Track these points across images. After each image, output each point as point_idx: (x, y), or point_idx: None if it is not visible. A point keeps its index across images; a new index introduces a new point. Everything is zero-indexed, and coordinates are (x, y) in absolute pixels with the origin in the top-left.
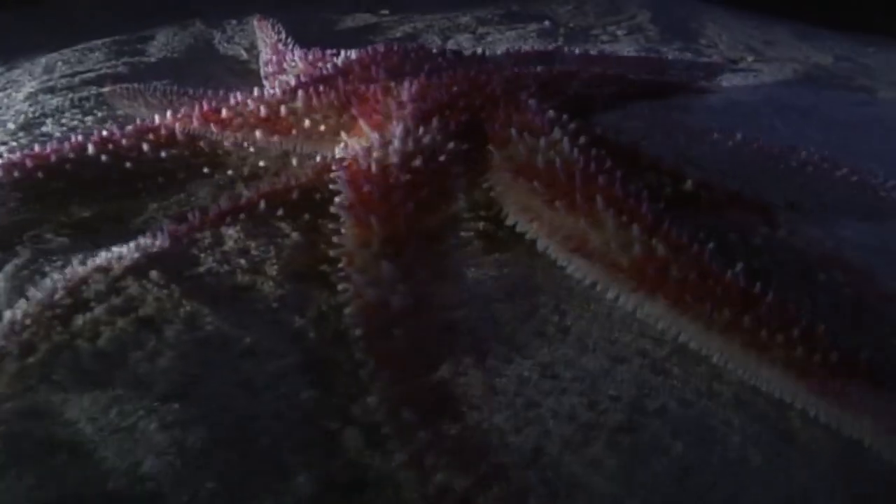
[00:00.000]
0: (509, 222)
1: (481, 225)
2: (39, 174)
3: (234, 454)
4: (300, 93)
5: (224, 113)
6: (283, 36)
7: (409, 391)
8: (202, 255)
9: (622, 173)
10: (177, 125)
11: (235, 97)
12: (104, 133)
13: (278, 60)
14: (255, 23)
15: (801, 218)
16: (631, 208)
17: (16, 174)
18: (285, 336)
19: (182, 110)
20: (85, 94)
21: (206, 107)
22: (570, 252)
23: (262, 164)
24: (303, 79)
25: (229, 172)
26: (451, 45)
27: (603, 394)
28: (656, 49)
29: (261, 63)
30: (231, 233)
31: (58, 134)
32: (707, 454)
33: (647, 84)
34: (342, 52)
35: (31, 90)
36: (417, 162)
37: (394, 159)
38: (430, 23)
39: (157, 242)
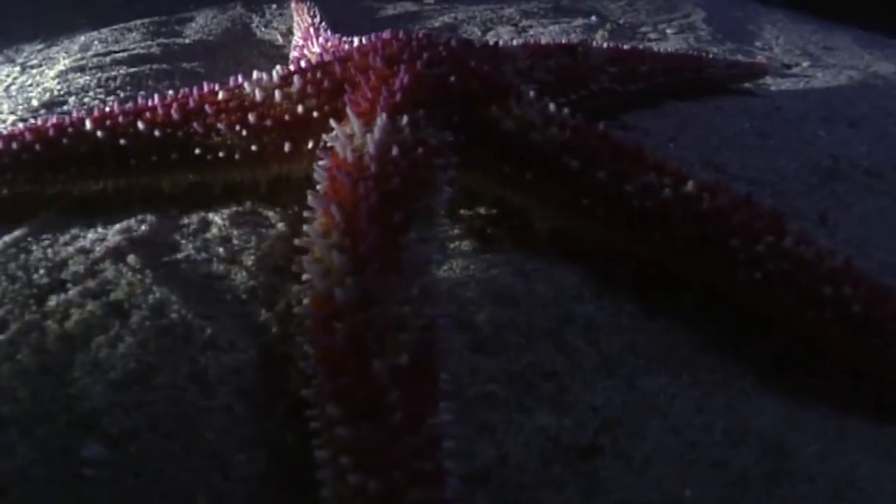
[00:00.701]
0: None
1: (478, 223)
2: (37, 146)
3: (178, 447)
4: (296, 78)
5: (221, 95)
6: (318, 21)
7: (339, 387)
8: (184, 241)
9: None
10: (174, 105)
11: (235, 80)
12: (104, 110)
13: (304, 45)
14: (293, 5)
15: (825, 232)
16: None
17: (14, 146)
18: (248, 329)
19: (181, 91)
20: (113, 73)
21: (205, 88)
22: None
23: (254, 148)
24: (303, 65)
25: (221, 155)
26: (490, 36)
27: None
28: (705, 49)
29: (291, 47)
30: (217, 220)
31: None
32: None
33: (682, 82)
34: (355, 40)
35: (63, 68)
36: (393, 152)
37: (370, 149)
38: (472, 14)
39: (142, 227)
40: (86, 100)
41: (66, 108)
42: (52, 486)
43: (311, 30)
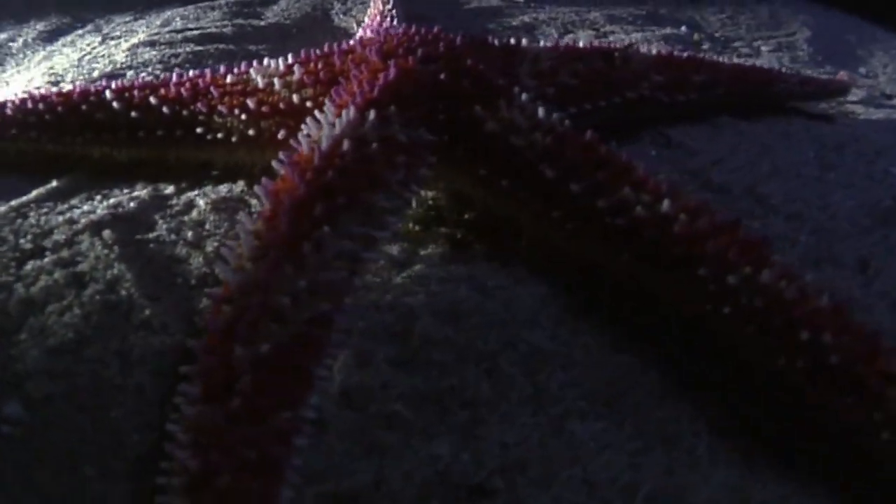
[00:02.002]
0: None
1: (459, 229)
2: (60, 109)
3: (86, 418)
4: (297, 67)
5: (228, 78)
6: (389, 9)
7: (202, 368)
8: (162, 221)
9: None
10: (185, 84)
11: (247, 65)
12: (124, 82)
13: (363, 33)
14: None
15: (862, 280)
16: None
17: (40, 106)
18: (185, 314)
19: (199, 72)
20: (179, 51)
21: (221, 71)
22: None
23: (251, 132)
24: (310, 54)
25: (220, 136)
26: (567, 39)
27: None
28: (798, 70)
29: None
30: (201, 203)
31: None
32: None
33: (747, 97)
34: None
35: (137, 41)
36: (344, 146)
37: (322, 142)
38: (555, 15)
39: (131, 204)
40: (143, 74)
41: (123, 81)
42: None
43: (378, 18)
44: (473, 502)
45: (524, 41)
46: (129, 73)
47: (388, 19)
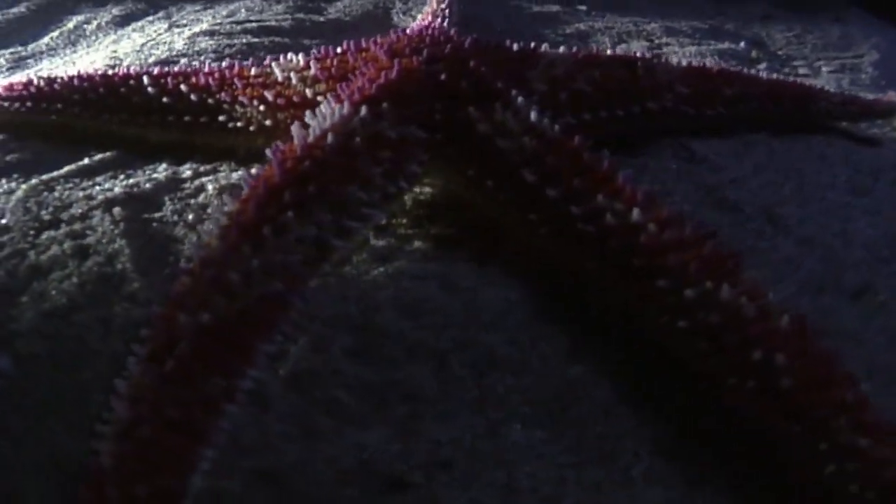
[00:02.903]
0: None
1: (450, 228)
2: (101, 90)
3: (63, 378)
4: (313, 63)
5: (252, 71)
6: (443, 8)
7: (152, 332)
8: (170, 202)
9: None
10: (214, 74)
11: (272, 59)
12: (163, 69)
13: (420, 27)
14: None
15: (859, 311)
16: None
17: (85, 85)
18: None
19: (228, 63)
20: (235, 41)
21: (249, 63)
22: None
23: (268, 122)
24: (323, 51)
25: (240, 125)
26: (620, 49)
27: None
28: (858, 93)
29: None
30: (210, 187)
31: None
32: None
33: (784, 113)
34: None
35: (198, 30)
36: (328, 139)
37: (310, 135)
38: (611, 24)
39: (147, 185)
40: (194, 63)
41: (174, 68)
42: None
43: (430, 16)
44: (387, 493)
45: (564, 48)
46: (183, 61)
47: (440, 19)
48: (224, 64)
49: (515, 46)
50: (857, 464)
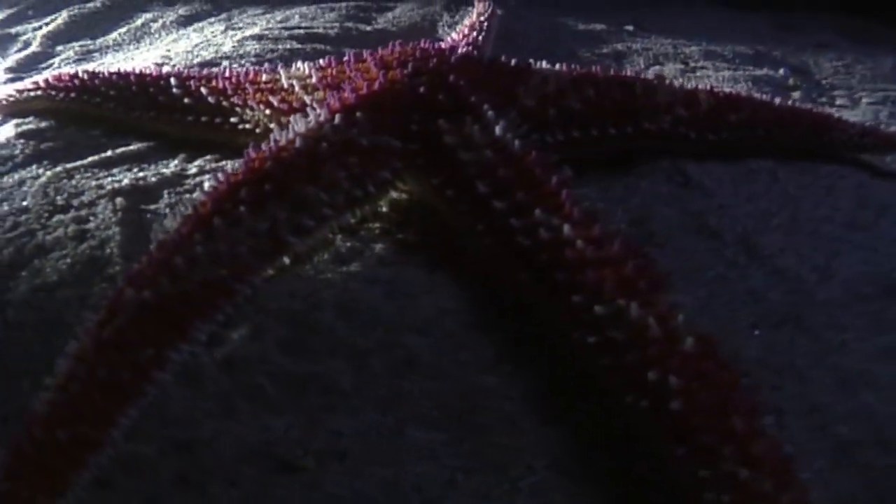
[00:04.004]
0: None
1: (401, 234)
2: (134, 88)
3: (40, 346)
4: (314, 72)
5: (263, 77)
6: (483, 21)
7: (106, 302)
8: (168, 196)
9: None
10: (231, 79)
11: (283, 67)
12: (190, 72)
13: (454, 40)
14: (476, 3)
15: (809, 348)
16: None
17: (121, 82)
18: None
19: (244, 69)
20: (279, 47)
21: (264, 69)
22: None
23: (272, 126)
24: (326, 61)
25: (248, 126)
26: (653, 71)
27: None
28: (891, 126)
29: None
30: (206, 185)
31: None
32: None
33: (795, 141)
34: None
35: (248, 34)
36: (297, 143)
37: (283, 138)
38: (649, 45)
39: (152, 178)
40: (235, 66)
41: (215, 70)
42: None
43: (467, 29)
44: (279, 474)
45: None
46: (225, 63)
47: (476, 32)
48: (242, 69)
49: (512, 62)
50: (735, 495)
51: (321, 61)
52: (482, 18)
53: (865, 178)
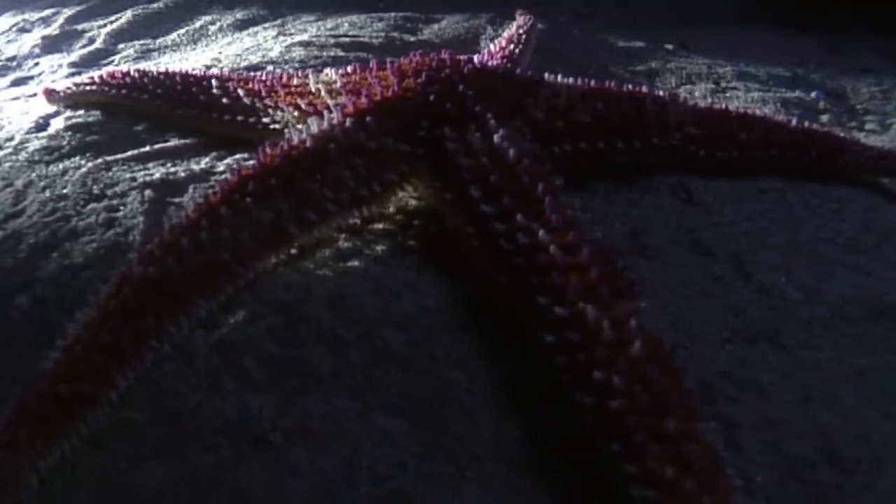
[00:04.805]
0: None
1: (414, 237)
2: (178, 87)
3: (58, 316)
4: (339, 77)
5: (294, 80)
6: (522, 34)
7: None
8: (193, 190)
9: None
10: (266, 82)
11: (313, 72)
12: (230, 74)
13: (490, 52)
14: (517, 14)
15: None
16: None
17: (168, 82)
18: None
19: (278, 73)
20: (323, 54)
21: (296, 73)
22: None
23: (299, 126)
24: (352, 68)
25: (278, 126)
26: (684, 90)
27: None
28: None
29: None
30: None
31: None
32: None
33: (808, 162)
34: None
35: (297, 40)
36: (307, 143)
37: (295, 138)
38: (684, 65)
39: (182, 174)
40: (278, 70)
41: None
42: None
43: (504, 42)
44: (249, 446)
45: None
46: (270, 68)
47: (514, 46)
48: (277, 73)
49: (524, 75)
50: (658, 492)
51: (348, 68)
52: (521, 31)
53: (879, 202)
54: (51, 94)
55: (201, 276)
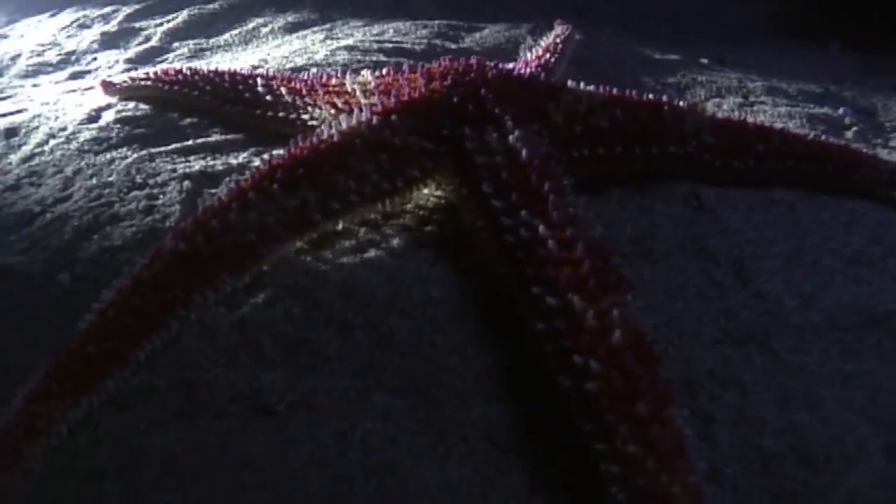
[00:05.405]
0: None
1: (434, 230)
2: (226, 84)
3: (93, 294)
4: (373, 79)
5: (333, 81)
6: (558, 45)
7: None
8: (228, 181)
9: None
10: (307, 81)
11: (350, 73)
12: (273, 73)
13: (526, 60)
14: (555, 23)
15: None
16: None
17: (217, 79)
18: None
19: (318, 73)
20: (365, 58)
21: (335, 74)
22: None
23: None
24: (386, 71)
25: (315, 123)
26: (713, 103)
27: None
28: None
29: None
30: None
31: None
32: None
33: (824, 175)
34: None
35: (342, 44)
36: (335, 138)
37: (325, 133)
38: (714, 78)
39: (219, 166)
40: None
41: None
42: (34, 291)
43: (540, 49)
44: (257, 415)
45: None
46: (313, 70)
47: (550, 55)
48: (315, 73)
49: (548, 81)
50: (622, 468)
51: (383, 70)
52: (558, 41)
53: (892, 217)
54: (108, 86)
55: (228, 255)
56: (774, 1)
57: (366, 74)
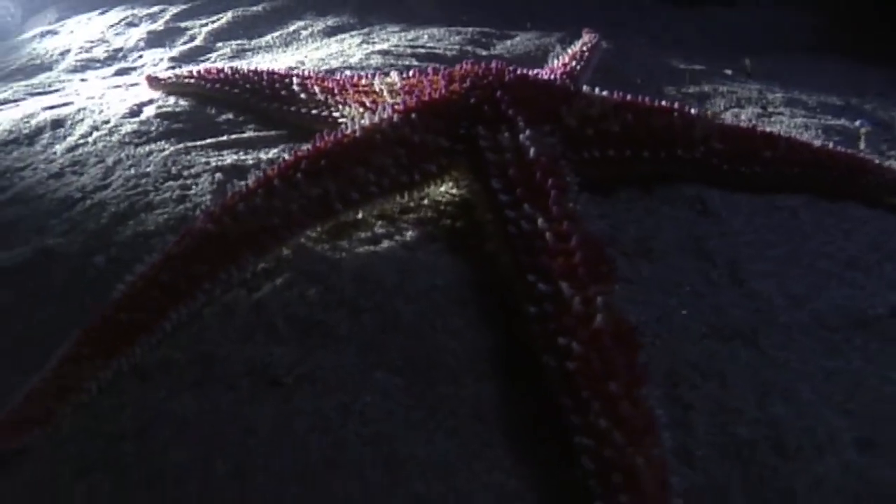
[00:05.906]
0: None
1: (447, 223)
2: (263, 82)
3: (122, 274)
4: (399, 80)
5: (363, 81)
6: (584, 52)
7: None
8: (255, 174)
9: None
10: (339, 81)
11: (379, 74)
12: (309, 72)
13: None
14: (584, 32)
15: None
16: None
17: (255, 78)
18: None
19: (349, 73)
20: (398, 62)
21: (367, 74)
22: None
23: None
24: (411, 73)
25: (343, 120)
26: (730, 113)
27: None
28: None
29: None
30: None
31: None
32: None
33: (831, 182)
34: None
35: (377, 49)
36: (356, 134)
37: (349, 128)
38: (735, 89)
39: (249, 160)
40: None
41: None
42: (71, 271)
43: (567, 57)
44: (266, 386)
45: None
46: (347, 72)
47: (575, 62)
48: (347, 73)
49: (566, 85)
50: (593, 440)
51: (410, 72)
52: (584, 49)
53: (894, 224)
54: (153, 81)
55: (253, 236)
56: (808, 13)
57: (393, 76)
